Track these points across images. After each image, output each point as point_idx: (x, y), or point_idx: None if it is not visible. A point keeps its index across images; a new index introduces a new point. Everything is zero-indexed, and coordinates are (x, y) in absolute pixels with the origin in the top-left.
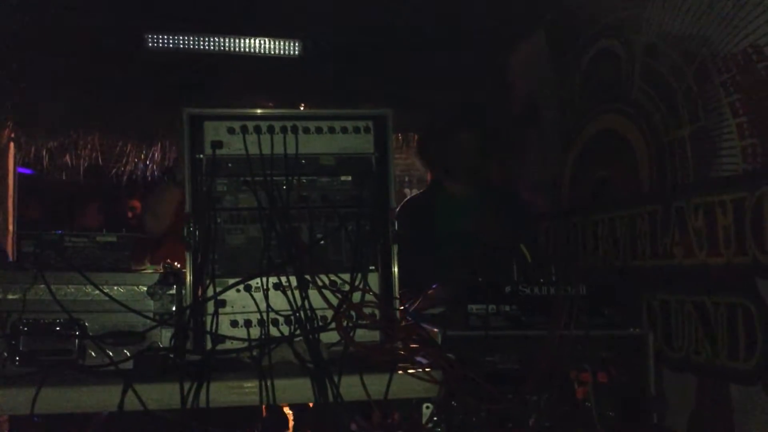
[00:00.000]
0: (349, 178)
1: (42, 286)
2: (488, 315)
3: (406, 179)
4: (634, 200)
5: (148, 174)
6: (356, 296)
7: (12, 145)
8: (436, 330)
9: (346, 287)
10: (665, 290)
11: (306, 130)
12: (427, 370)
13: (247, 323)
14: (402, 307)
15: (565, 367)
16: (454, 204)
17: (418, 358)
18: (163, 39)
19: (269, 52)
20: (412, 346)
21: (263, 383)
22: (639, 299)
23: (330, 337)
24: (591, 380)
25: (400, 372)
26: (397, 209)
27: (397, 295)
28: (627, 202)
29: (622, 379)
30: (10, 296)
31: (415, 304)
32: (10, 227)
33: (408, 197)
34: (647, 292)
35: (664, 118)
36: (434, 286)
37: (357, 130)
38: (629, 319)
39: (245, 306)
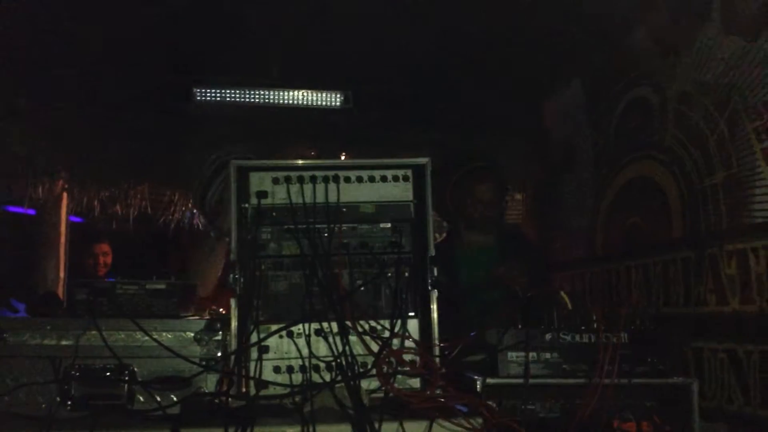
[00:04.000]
0: (389, 225)
1: (94, 332)
2: (528, 362)
3: (444, 224)
4: (667, 246)
5: (195, 222)
6: (396, 343)
7: (65, 194)
8: (476, 377)
9: (386, 334)
10: (698, 338)
11: (347, 180)
12: (467, 417)
13: (290, 369)
14: (442, 354)
15: (608, 416)
16: (472, 253)
17: (458, 406)
18: (210, 92)
19: (312, 103)
20: (452, 393)
21: (305, 429)
22: (682, 347)
23: (370, 383)
24: (635, 429)
25: (441, 419)
26: None
27: (437, 342)
28: (660, 249)
29: (667, 429)
30: (63, 342)
31: (455, 352)
32: (62, 274)
33: None
34: (681, 340)
35: (697, 165)
36: (472, 334)
37: (396, 178)
38: (673, 367)
39: (288, 352)
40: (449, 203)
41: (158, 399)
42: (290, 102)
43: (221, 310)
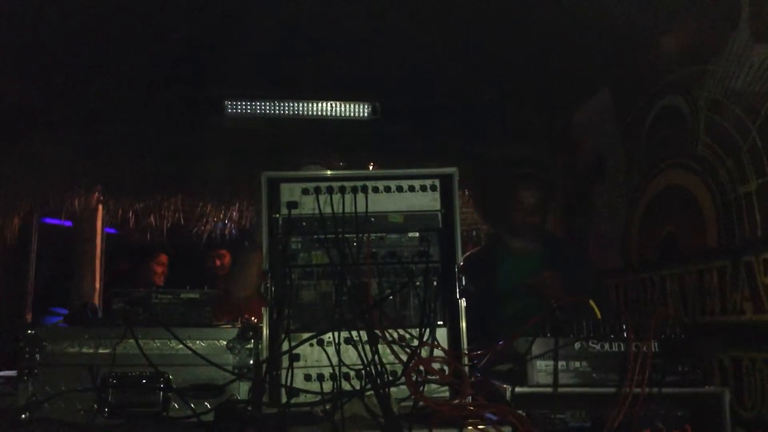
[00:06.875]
0: (417, 234)
1: (130, 340)
2: (557, 371)
3: (474, 233)
4: (703, 255)
5: (226, 233)
6: (425, 351)
7: (101, 207)
8: (505, 386)
9: (415, 342)
10: (736, 347)
11: (375, 190)
12: (496, 426)
13: (320, 377)
14: (471, 363)
15: (639, 426)
16: (515, 259)
17: (488, 415)
18: (241, 105)
19: (341, 115)
20: (481, 402)
21: None
22: (713, 355)
23: (400, 391)
24: None
25: (470, 428)
26: None
27: (466, 351)
28: (695, 258)
29: None
30: (101, 350)
31: (484, 360)
32: (97, 285)
33: (468, 253)
34: (718, 349)
35: (730, 173)
36: (501, 342)
37: (424, 188)
38: (704, 376)
39: (318, 360)
40: (491, 207)
41: (192, 406)
42: (319, 114)
43: (253, 318)
